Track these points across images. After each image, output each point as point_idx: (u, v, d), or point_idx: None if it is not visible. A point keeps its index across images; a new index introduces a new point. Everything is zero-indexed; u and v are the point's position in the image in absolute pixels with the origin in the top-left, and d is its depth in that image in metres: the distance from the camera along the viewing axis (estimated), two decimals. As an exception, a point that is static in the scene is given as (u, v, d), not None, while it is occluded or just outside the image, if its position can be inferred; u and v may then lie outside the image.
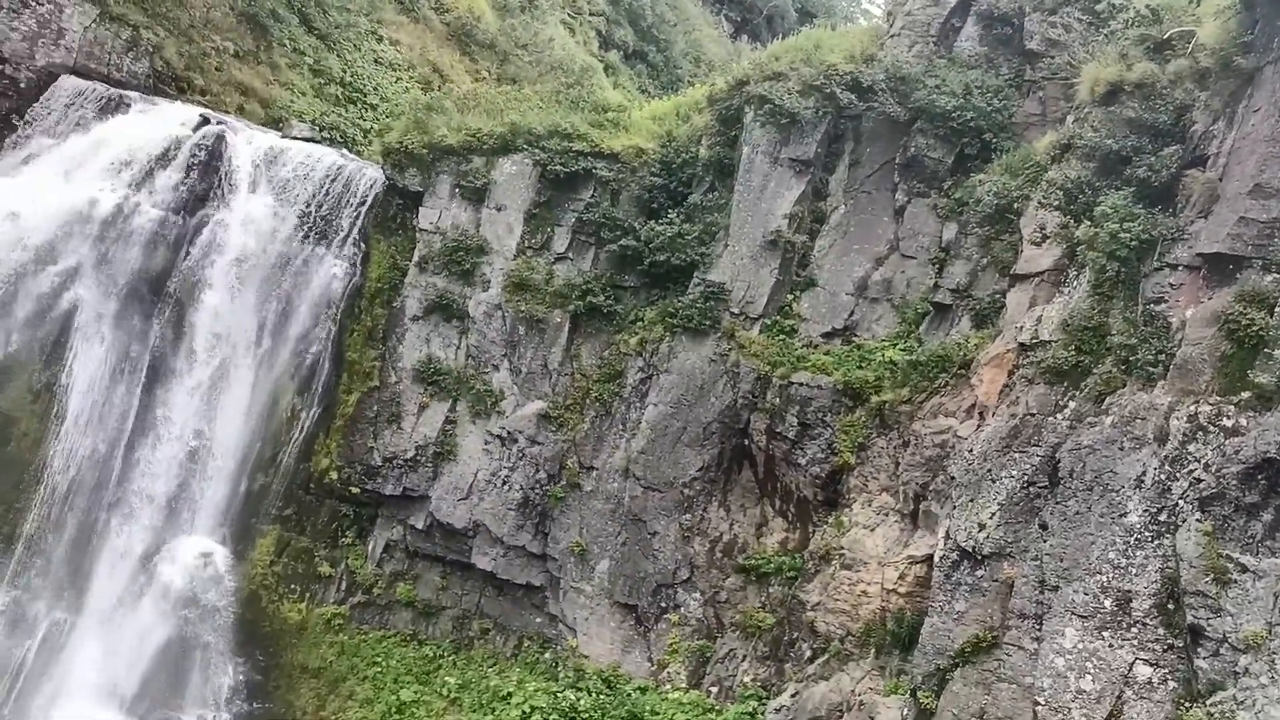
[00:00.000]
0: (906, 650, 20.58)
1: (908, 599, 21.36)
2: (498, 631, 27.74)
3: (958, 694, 18.49)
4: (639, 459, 26.01)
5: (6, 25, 30.14)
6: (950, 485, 20.65)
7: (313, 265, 29.18)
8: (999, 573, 18.67)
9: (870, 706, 20.36)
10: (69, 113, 30.02)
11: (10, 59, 30.26)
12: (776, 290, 25.91)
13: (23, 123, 30.28)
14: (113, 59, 32.18)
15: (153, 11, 33.08)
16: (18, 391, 27.82)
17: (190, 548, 27.33)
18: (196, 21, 34.58)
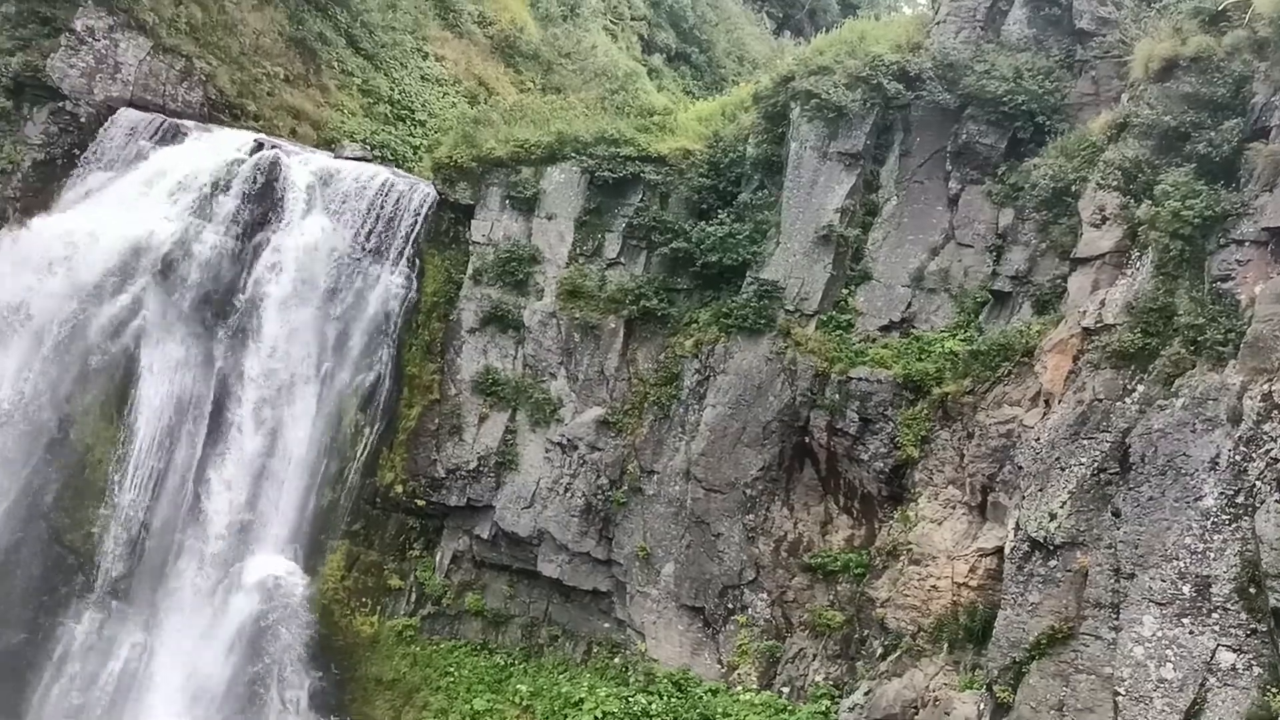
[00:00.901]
0: (980, 644, 20.28)
1: (979, 592, 21.05)
2: (567, 638, 27.88)
3: (1035, 687, 18.16)
4: (699, 461, 25.97)
5: (65, 63, 30.99)
6: (1018, 475, 20.32)
7: (369, 283, 29.59)
8: (1072, 562, 18.31)
9: (945, 702, 20.08)
10: (128, 144, 30.78)
11: (70, 95, 31.10)
12: (831, 285, 25.71)
13: (84, 157, 31.08)
14: (168, 89, 32.97)
15: (204, 41, 33.83)
16: (91, 420, 28.59)
17: (263, 565, 27.81)
18: (247, 49, 35.31)
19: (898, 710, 21.04)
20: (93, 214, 28.94)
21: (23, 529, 28.16)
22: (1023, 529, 19.24)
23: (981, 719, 19.31)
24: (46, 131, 31.08)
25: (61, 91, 30.98)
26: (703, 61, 58.61)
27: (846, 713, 22.14)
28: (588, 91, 38.82)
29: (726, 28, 60.52)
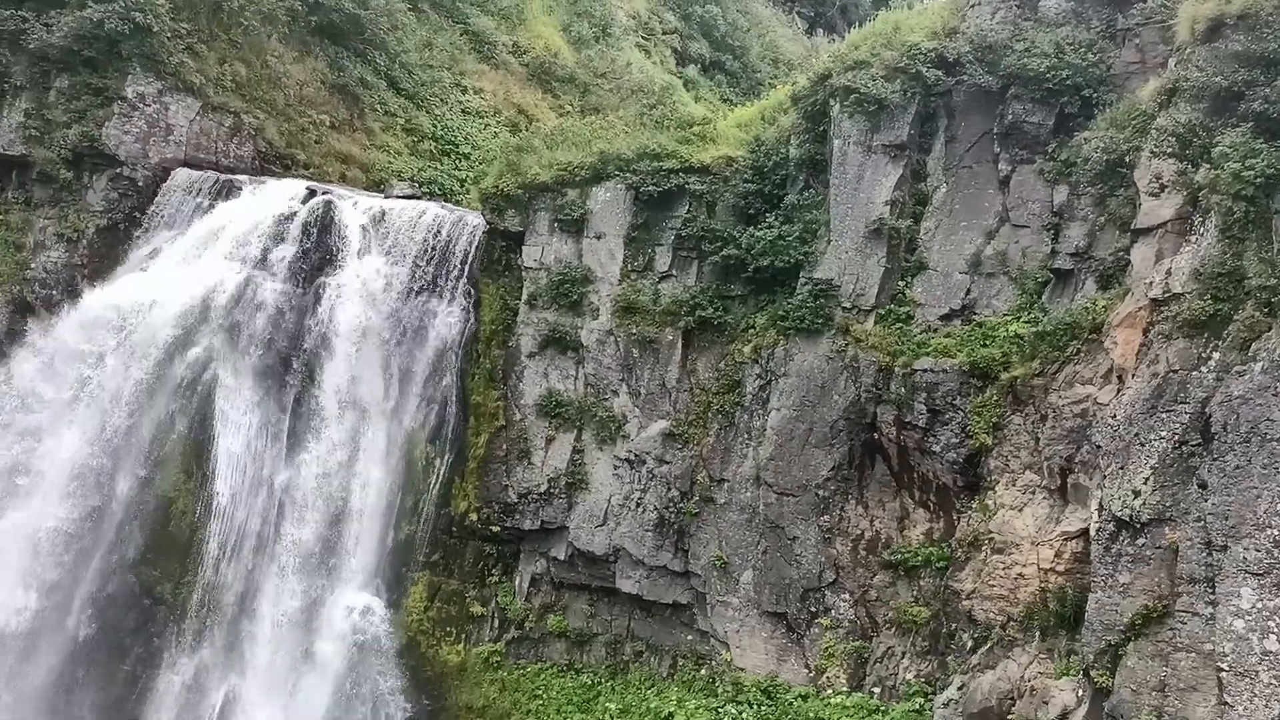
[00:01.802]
0: (1073, 630, 19.91)
1: (1067, 576, 20.66)
2: (651, 653, 27.88)
3: (1134, 669, 17.77)
4: (768, 465, 25.87)
5: (120, 131, 31.97)
6: (1097, 455, 19.93)
7: (428, 316, 30.00)
8: (1161, 539, 17.91)
9: (1042, 691, 19.72)
10: (186, 203, 31.62)
11: (127, 161, 32.05)
12: (886, 279, 25.49)
13: (145, 219, 32.00)
14: (219, 146, 33.83)
15: (250, 96, 34.68)
16: (172, 472, 29.36)
17: (347, 602, 28.25)
18: (292, 100, 36.12)
19: (994, 703, 20.71)
20: (158, 274, 29.76)
21: (114, 584, 28.97)
22: (1107, 509, 18.86)
23: (1081, 706, 18.93)
24: (107, 198, 32.07)
25: (118, 158, 31.93)
26: (737, 68, 58.61)
27: (941, 709, 21.84)
28: (626, 109, 39.07)
29: (758, 32, 60.48)
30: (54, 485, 28.33)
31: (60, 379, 28.75)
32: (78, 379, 28.56)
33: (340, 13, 37.96)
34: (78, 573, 28.47)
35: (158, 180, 32.21)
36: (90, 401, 28.46)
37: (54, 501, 28.17)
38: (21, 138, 32.28)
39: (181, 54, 32.67)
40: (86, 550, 28.48)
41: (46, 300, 31.08)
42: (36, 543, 27.93)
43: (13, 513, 28.23)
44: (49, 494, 28.25)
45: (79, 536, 28.26)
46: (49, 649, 28.18)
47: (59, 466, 28.28)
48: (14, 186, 33.17)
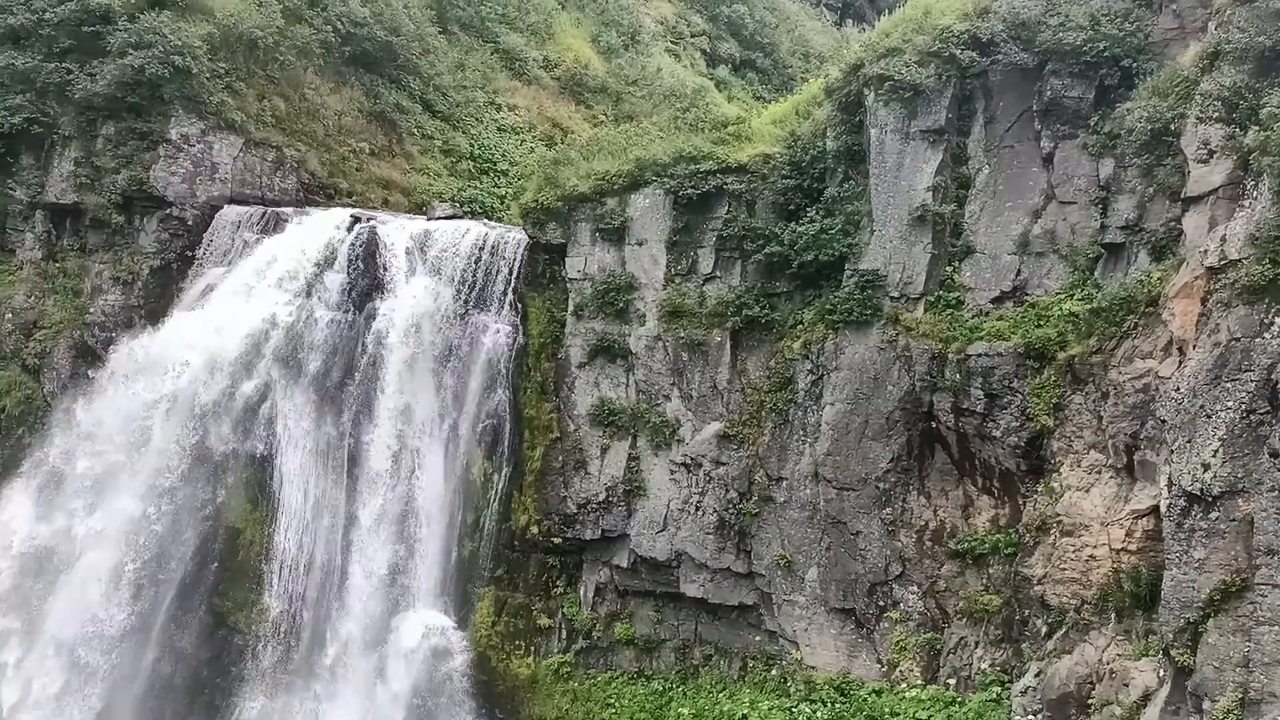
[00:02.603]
0: (1150, 609, 19.51)
1: (1140, 555, 20.26)
2: (720, 655, 27.81)
3: (1215, 645, 17.36)
4: (826, 461, 25.70)
5: (167, 172, 32.64)
6: (1162, 430, 19.52)
7: (477, 334, 30.25)
8: (1235, 511, 17.48)
9: (1122, 674, 19.34)
10: (235, 239, 32.20)
11: (176, 201, 32.70)
12: (933, 265, 25.23)
13: (197, 257, 32.64)
14: (263, 180, 34.41)
15: (290, 130, 35.26)
16: (238, 503, 29.90)
17: (416, 622, 28.52)
18: (331, 130, 36.67)
19: (1072, 688, 20.36)
20: (213, 310, 30.28)
21: (189, 616, 29.57)
22: (1176, 484, 18.46)
23: (1163, 686, 18.54)
24: (159, 239, 32.78)
25: (167, 199, 32.59)
26: (768, 65, 58.40)
27: (1019, 697, 21.52)
28: (659, 115, 39.15)
29: (787, 28, 60.21)
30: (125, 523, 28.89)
31: (124, 419, 29.35)
32: (141, 418, 29.13)
33: (373, 41, 38.48)
34: (153, 608, 29.05)
35: (206, 218, 32.80)
36: (155, 438, 29.01)
37: (126, 539, 28.75)
38: (73, 186, 33.13)
39: (221, 93, 33.29)
40: (160, 585, 29.05)
41: (106, 343, 31.79)
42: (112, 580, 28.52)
43: (88, 553, 28.87)
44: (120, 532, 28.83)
45: (152, 571, 28.83)
46: (130, 684, 28.80)
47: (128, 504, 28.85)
48: (69, 234, 34.07)
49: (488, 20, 46.33)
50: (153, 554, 28.73)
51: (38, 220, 34.11)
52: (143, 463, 28.93)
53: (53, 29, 32.98)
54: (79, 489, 29.39)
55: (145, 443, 29.02)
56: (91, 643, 28.27)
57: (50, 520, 29.37)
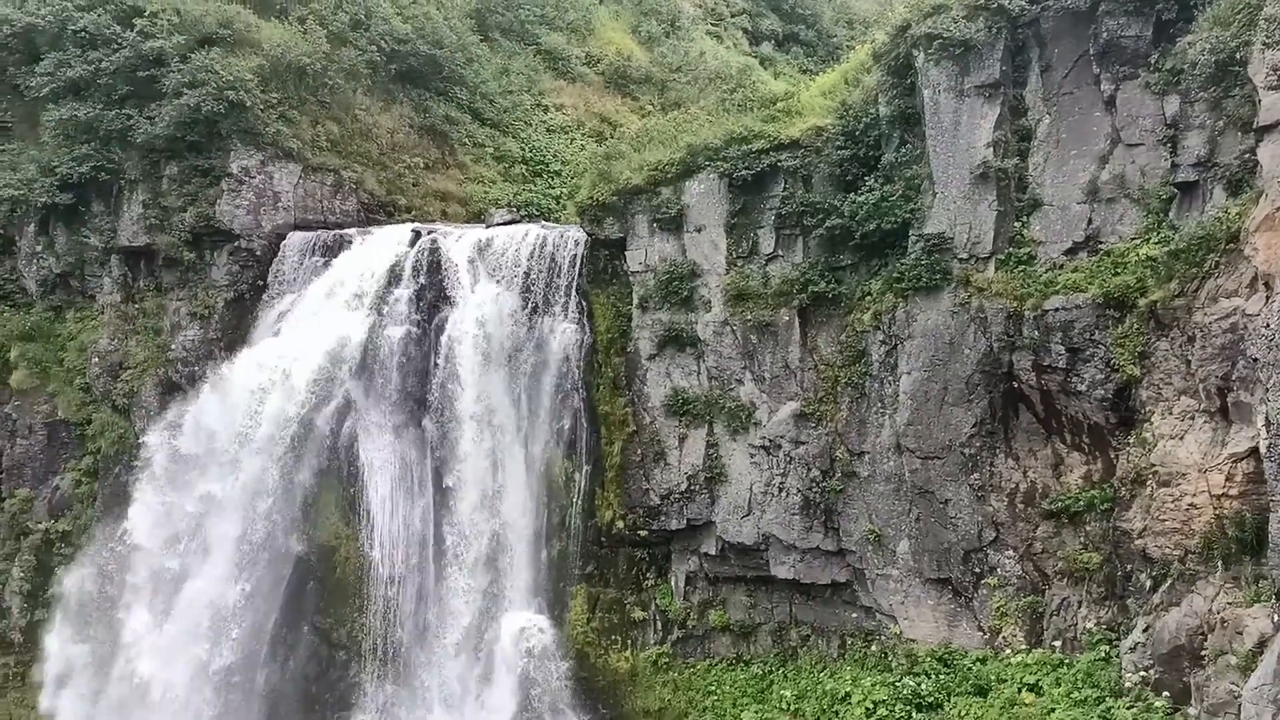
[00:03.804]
0: (1257, 554, 18.86)
1: (1243, 500, 19.59)
2: (818, 635, 27.67)
3: (1333, 587, 16.71)
4: (907, 431, 25.35)
5: (231, 206, 33.41)
6: (1255, 369, 18.83)
7: (546, 335, 30.47)
8: (1341, 446, 16.80)
9: (1235, 622, 18.74)
10: (302, 264, 32.85)
11: (242, 233, 33.46)
12: (1001, 222, 24.68)
13: (267, 286, 33.36)
14: (324, 204, 35.04)
15: (346, 152, 35.84)
16: (331, 522, 30.58)
17: (513, 623, 28.96)
18: (385, 148, 37.19)
19: (1183, 640, 19.82)
20: (288, 335, 30.99)
21: (294, 636, 30.36)
22: (1275, 423, 17.79)
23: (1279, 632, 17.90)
24: (230, 271, 33.58)
25: (234, 232, 33.37)
26: (812, 37, 57.76)
27: (1128, 654, 21.01)
28: (706, 99, 38.94)
29: (828, -3, 59.56)
30: (225, 550, 29.75)
31: (215, 449, 30.20)
32: (230, 447, 29.92)
33: (417, 57, 38.92)
34: (259, 631, 29.88)
35: (273, 247, 33.53)
36: (244, 465, 29.76)
37: (227, 565, 29.59)
38: (144, 228, 34.12)
39: (276, 123, 33.96)
40: (264, 608, 29.86)
41: (190, 377, 32.74)
42: (218, 608, 29.37)
43: (192, 582, 29.77)
44: (221, 559, 29.70)
45: (255, 595, 29.62)
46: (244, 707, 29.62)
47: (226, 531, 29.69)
48: (144, 275, 35.09)
49: (527, 23, 46.56)
50: (254, 578, 29.52)
51: (114, 264, 35.20)
52: (236, 489, 29.70)
53: (110, 77, 33.94)
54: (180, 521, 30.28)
55: (236, 470, 29.78)
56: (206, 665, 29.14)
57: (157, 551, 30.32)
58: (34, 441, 35.09)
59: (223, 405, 30.47)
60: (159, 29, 33.45)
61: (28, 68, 35.31)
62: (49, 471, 34.96)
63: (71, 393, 34.86)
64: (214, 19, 34.13)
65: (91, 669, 31.23)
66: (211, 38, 33.86)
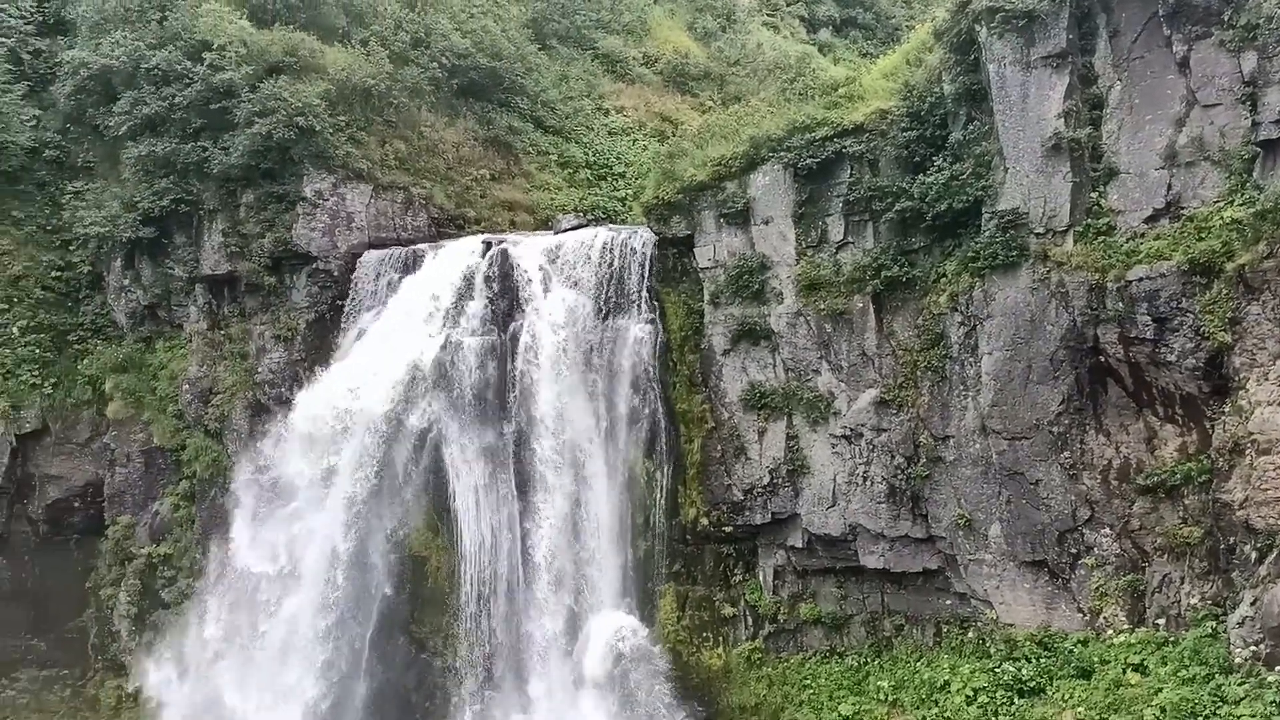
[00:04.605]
0: (1371, 520, 18.14)
1: (1351, 464, 18.87)
2: (912, 624, 27.34)
3: None
4: (992, 413, 24.91)
5: (307, 229, 34.16)
6: (1356, 327, 18.15)
7: (619, 336, 30.59)
8: None
9: (1350, 592, 18.06)
10: (378, 282, 33.43)
11: (320, 256, 34.18)
12: (1077, 194, 24.10)
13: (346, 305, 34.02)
14: (396, 221, 35.64)
15: (414, 169, 36.43)
16: (420, 533, 31.11)
17: (605, 625, 29.13)
18: (452, 163, 37.72)
19: (1296, 613, 19.14)
20: (368, 352, 31.55)
21: (390, 647, 30.93)
22: (1382, 383, 17.13)
23: (1400, 600, 17.21)
24: (309, 293, 34.35)
25: (311, 254, 34.11)
26: (870, 20, 57.12)
27: (1236, 629, 20.37)
28: (766, 90, 38.73)
29: (884, -22, 58.82)
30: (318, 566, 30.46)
31: (304, 468, 30.92)
32: (319, 465, 30.62)
33: (478, 70, 39.39)
34: (356, 643, 30.49)
35: (349, 266, 34.16)
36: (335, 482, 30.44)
37: (322, 582, 30.27)
38: (225, 256, 35.07)
39: (345, 145, 34.63)
40: (360, 620, 30.49)
41: (277, 398, 33.57)
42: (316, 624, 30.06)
43: (289, 599, 30.54)
44: (316, 576, 30.42)
45: (351, 609, 30.26)
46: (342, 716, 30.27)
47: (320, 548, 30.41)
48: (228, 301, 36.08)
49: (583, 28, 46.85)
50: (350, 590, 30.20)
51: (198, 293, 36.26)
52: (328, 507, 30.37)
53: (184, 111, 34.94)
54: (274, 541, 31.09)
55: (327, 487, 30.45)
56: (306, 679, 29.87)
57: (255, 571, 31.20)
58: (132, 469, 36.30)
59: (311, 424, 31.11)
60: (227, 61, 34.34)
61: (106, 108, 36.51)
62: (148, 497, 36.14)
63: (165, 420, 35.98)
64: (280, 48, 34.94)
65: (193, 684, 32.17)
66: (279, 66, 34.64)
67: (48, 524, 36.19)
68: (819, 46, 53.48)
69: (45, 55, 38.79)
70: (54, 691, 35.31)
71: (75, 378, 36.60)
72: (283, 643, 30.66)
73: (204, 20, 35.40)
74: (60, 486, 36.32)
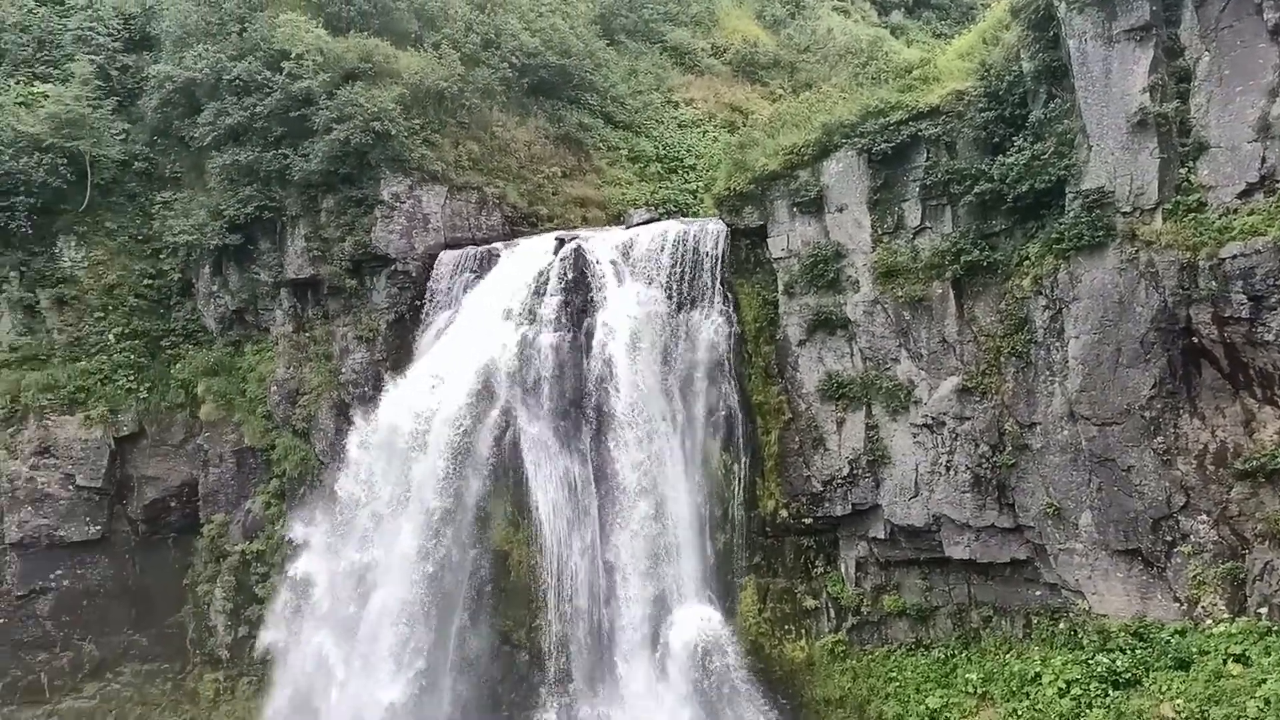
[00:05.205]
0: None
1: None
2: (1000, 616, 26.78)
3: None
4: (1080, 398, 24.25)
5: (386, 231, 34.79)
6: None
7: (694, 329, 30.53)
8: None
9: None
10: (454, 281, 33.90)
11: (398, 257, 34.80)
12: (1165, 170, 23.31)
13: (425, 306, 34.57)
14: (470, 221, 36.09)
15: (487, 169, 36.84)
16: (501, 528, 31.42)
17: (687, 618, 29.07)
18: (524, 161, 38.05)
19: None
20: (447, 351, 31.99)
21: (476, 640, 31.30)
22: None
23: None
24: (389, 294, 34.98)
25: (390, 256, 34.75)
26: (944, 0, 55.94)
27: (1346, 619, 19.51)
28: (837, 76, 38.27)
29: (957, -44, 57.57)
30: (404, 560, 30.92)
31: (388, 464, 31.46)
32: (403, 461, 31.13)
33: (547, 68, 39.64)
34: (442, 637, 30.92)
35: (427, 267, 34.73)
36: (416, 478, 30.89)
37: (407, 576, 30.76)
38: (308, 260, 35.88)
39: (420, 148, 35.16)
40: (445, 614, 30.90)
41: (360, 398, 34.25)
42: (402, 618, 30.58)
43: (376, 593, 31.12)
44: (401, 570, 30.88)
45: (436, 603, 30.70)
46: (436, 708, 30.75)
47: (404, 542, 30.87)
48: (311, 304, 36.92)
49: (651, 22, 46.79)
50: (435, 586, 30.62)
51: (283, 297, 37.16)
52: (411, 504, 30.86)
53: (265, 120, 35.83)
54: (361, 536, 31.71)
55: (409, 484, 30.94)
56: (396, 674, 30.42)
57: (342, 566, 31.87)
58: (225, 469, 37.38)
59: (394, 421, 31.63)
60: (305, 69, 35.09)
61: (191, 119, 37.62)
62: (240, 496, 37.17)
63: (255, 421, 36.96)
64: (355, 54, 35.59)
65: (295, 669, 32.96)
66: (354, 72, 35.31)
67: (146, 523, 37.44)
68: (891, 29, 52.62)
69: (132, 70, 40.00)
70: (155, 685, 36.55)
71: (169, 381, 37.78)
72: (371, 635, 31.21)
73: (282, 30, 36.22)
74: (157, 487, 37.54)
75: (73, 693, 36.05)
